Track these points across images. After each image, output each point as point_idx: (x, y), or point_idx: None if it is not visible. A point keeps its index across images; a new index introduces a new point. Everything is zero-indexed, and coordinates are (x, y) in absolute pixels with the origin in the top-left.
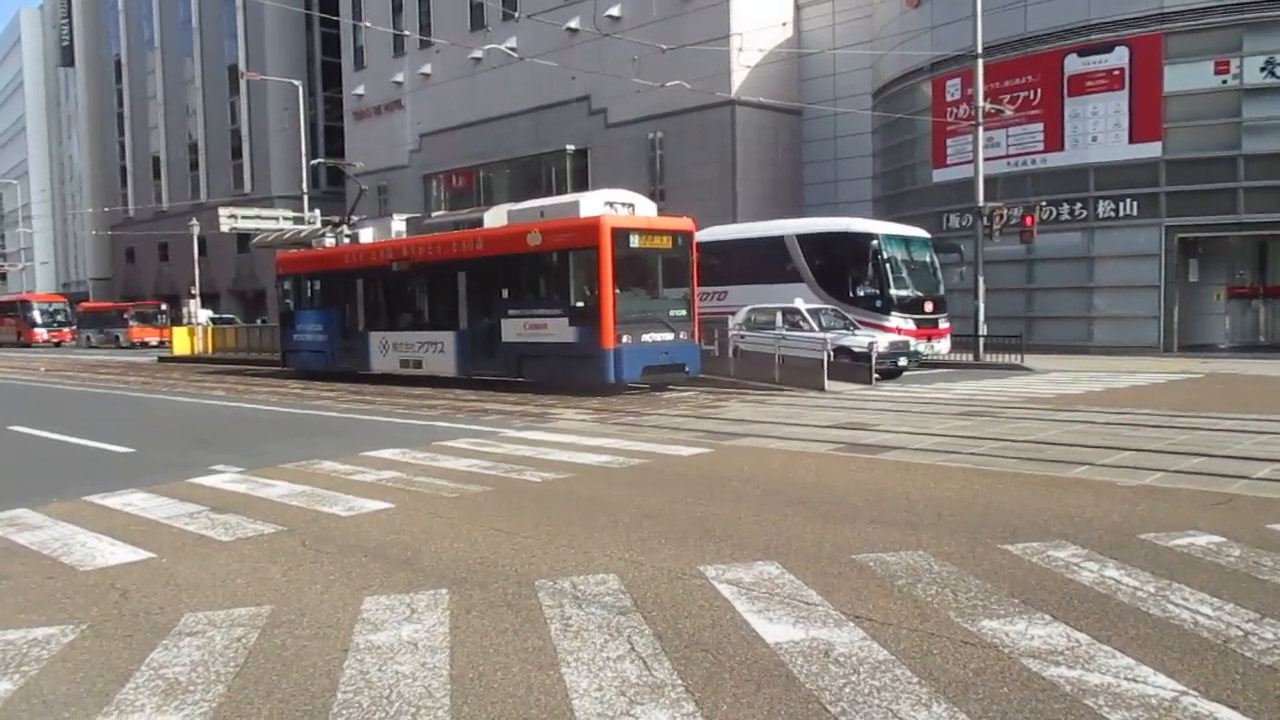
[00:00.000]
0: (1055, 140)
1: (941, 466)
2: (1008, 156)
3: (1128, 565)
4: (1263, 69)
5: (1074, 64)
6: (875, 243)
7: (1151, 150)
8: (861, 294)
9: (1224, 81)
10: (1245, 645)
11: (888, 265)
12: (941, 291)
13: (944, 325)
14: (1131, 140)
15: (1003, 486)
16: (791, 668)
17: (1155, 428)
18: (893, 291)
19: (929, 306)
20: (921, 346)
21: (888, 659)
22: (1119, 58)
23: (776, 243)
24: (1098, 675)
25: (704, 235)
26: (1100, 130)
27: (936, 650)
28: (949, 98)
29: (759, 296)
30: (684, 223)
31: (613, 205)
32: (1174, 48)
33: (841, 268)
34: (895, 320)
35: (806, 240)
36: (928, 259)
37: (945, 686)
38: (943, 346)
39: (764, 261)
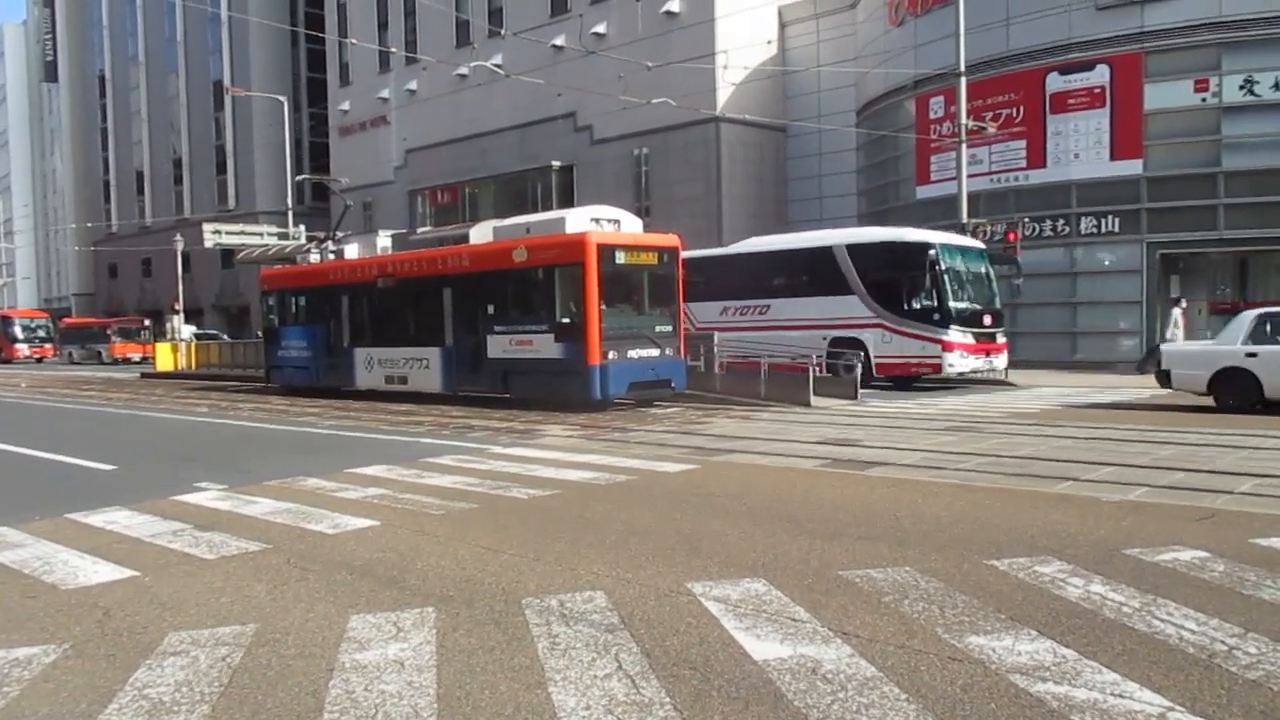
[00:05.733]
0: (1038, 157)
1: (927, 482)
2: (991, 173)
3: (1113, 580)
4: (1241, 87)
5: (1055, 82)
6: (933, 252)
7: (1133, 167)
8: (917, 307)
9: (1203, 100)
10: (1230, 660)
11: (946, 276)
12: (998, 304)
13: (1001, 340)
14: (1113, 157)
15: (988, 502)
16: (779, 685)
17: (1139, 443)
18: (951, 304)
19: (987, 320)
20: (980, 362)
21: (875, 676)
22: (1100, 76)
23: (824, 253)
24: (1084, 691)
25: (744, 247)
26: (1082, 147)
27: (924, 667)
28: (932, 115)
29: (804, 310)
30: (669, 239)
31: (599, 221)
32: (1154, 66)
33: (895, 279)
34: (954, 335)
35: (857, 250)
36: (983, 270)
37: (933, 703)
38: (1001, 362)
39: (810, 273)
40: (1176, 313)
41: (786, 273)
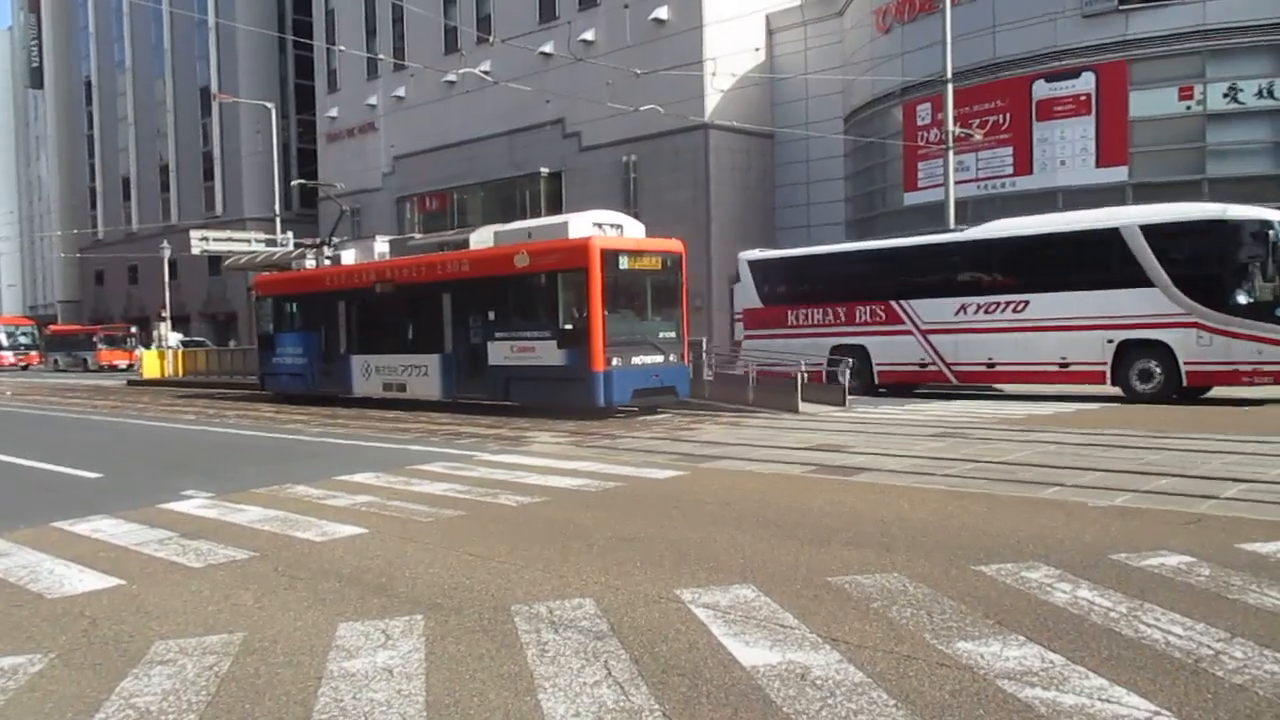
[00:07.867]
0: (1024, 164)
1: (915, 488)
2: (978, 180)
3: (1100, 585)
4: (1225, 95)
5: (1042, 89)
6: (1273, 232)
7: (1118, 174)
8: (1244, 301)
9: (1188, 107)
10: (1216, 665)
11: None
12: None
13: None
14: (1098, 164)
15: (976, 508)
16: (769, 691)
17: (1125, 448)
18: None
19: None
20: None
21: (864, 681)
22: (1086, 83)
23: (1108, 237)
24: (1072, 696)
25: (991, 231)
26: (1068, 154)
27: (913, 672)
28: (919, 122)
29: (1079, 306)
30: (673, 244)
31: (601, 226)
32: (1139, 74)
33: (1215, 267)
34: None
35: (1157, 232)
36: None
37: (922, 709)
38: None
39: (1086, 261)
40: None
41: (1053, 262)
